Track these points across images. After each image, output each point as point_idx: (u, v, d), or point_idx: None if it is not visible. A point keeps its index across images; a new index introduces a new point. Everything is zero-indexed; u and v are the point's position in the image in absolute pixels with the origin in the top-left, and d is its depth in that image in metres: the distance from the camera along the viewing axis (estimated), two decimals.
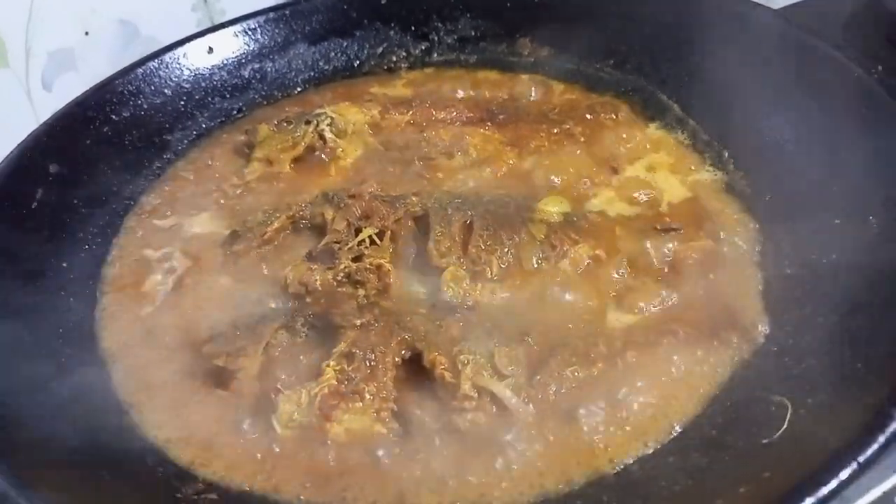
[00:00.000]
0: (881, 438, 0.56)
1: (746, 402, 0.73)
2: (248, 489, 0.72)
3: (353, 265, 0.89)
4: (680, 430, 0.73)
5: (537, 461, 0.72)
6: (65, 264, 0.96)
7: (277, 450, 0.74)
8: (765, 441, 0.65)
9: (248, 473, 0.73)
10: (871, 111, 0.87)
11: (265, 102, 1.28)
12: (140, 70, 1.19)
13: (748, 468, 0.62)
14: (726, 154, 1.04)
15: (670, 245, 0.91)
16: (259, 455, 0.75)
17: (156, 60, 1.21)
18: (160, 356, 0.86)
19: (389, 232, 0.93)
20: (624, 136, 1.11)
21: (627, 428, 0.73)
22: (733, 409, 0.73)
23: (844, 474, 0.55)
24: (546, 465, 0.71)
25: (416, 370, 0.77)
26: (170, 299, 0.92)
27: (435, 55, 1.35)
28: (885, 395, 0.60)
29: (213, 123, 1.23)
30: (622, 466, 0.70)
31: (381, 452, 0.73)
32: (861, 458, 0.55)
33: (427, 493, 0.70)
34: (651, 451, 0.71)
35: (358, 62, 1.34)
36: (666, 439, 0.72)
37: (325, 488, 0.71)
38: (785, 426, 0.65)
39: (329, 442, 0.74)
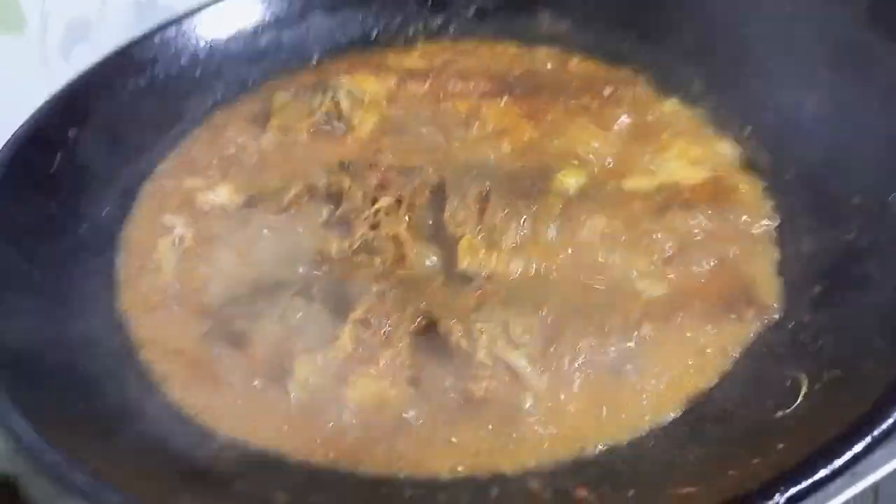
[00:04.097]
0: None
1: (761, 376, 0.73)
2: (265, 450, 0.73)
3: (370, 234, 0.90)
4: (694, 402, 0.73)
5: (552, 429, 0.72)
6: (84, 228, 0.97)
7: (294, 413, 0.75)
8: (779, 415, 0.65)
9: (265, 435, 0.74)
10: None
11: (281, 72, 1.27)
12: (157, 38, 1.19)
13: (762, 440, 0.62)
14: (748, 129, 1.03)
15: (688, 220, 0.90)
16: (276, 417, 0.75)
17: (172, 28, 1.21)
18: (178, 318, 0.87)
19: (406, 202, 0.93)
20: (643, 110, 1.10)
21: (642, 398, 0.74)
22: (748, 383, 0.73)
23: (859, 447, 0.55)
24: (560, 433, 0.72)
25: (431, 338, 0.78)
26: (186, 264, 0.93)
27: (452, 27, 1.33)
28: None
29: (229, 92, 1.23)
30: (636, 436, 0.71)
31: (396, 417, 0.74)
32: (876, 432, 0.55)
33: (440, 458, 0.71)
34: (665, 422, 0.71)
35: (375, 33, 1.33)
36: (680, 411, 0.72)
37: (341, 451, 0.72)
38: (800, 400, 0.65)
39: (344, 406, 0.74)
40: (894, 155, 0.83)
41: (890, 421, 0.56)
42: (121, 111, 1.11)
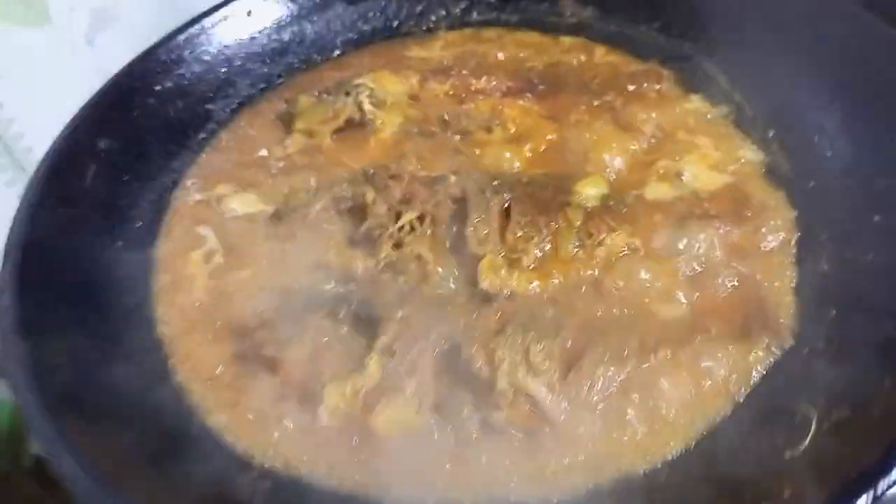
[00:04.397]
0: None
1: (773, 408, 0.75)
2: (299, 477, 0.77)
3: (395, 253, 0.92)
4: (707, 434, 0.75)
5: (568, 459, 0.75)
6: (120, 243, 1.00)
7: (326, 439, 0.79)
8: (787, 455, 0.68)
9: (300, 461, 0.78)
10: None
11: (304, 67, 1.28)
12: (181, 37, 1.19)
13: (771, 484, 0.65)
14: (771, 133, 1.02)
15: (708, 234, 0.91)
16: (309, 443, 0.79)
17: (196, 26, 1.21)
18: (210, 339, 0.90)
19: (429, 217, 0.95)
20: (666, 108, 1.09)
21: (657, 429, 0.76)
22: (760, 414, 0.75)
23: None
24: (577, 463, 0.75)
25: (454, 364, 0.81)
26: (218, 282, 0.95)
27: (475, 14, 1.32)
28: None
29: (254, 91, 1.24)
30: (650, 468, 0.74)
31: (421, 445, 0.77)
32: (878, 490, 0.58)
33: (463, 486, 0.75)
34: (678, 453, 0.74)
35: (396, 22, 1.32)
36: (693, 442, 0.75)
37: (372, 478, 0.76)
38: (808, 441, 0.68)
39: (372, 434, 0.78)
40: None
41: (891, 479, 0.58)
42: (149, 118, 1.13)
